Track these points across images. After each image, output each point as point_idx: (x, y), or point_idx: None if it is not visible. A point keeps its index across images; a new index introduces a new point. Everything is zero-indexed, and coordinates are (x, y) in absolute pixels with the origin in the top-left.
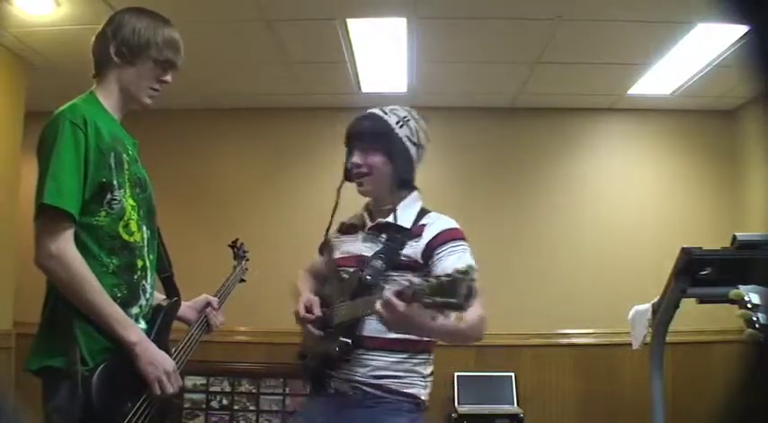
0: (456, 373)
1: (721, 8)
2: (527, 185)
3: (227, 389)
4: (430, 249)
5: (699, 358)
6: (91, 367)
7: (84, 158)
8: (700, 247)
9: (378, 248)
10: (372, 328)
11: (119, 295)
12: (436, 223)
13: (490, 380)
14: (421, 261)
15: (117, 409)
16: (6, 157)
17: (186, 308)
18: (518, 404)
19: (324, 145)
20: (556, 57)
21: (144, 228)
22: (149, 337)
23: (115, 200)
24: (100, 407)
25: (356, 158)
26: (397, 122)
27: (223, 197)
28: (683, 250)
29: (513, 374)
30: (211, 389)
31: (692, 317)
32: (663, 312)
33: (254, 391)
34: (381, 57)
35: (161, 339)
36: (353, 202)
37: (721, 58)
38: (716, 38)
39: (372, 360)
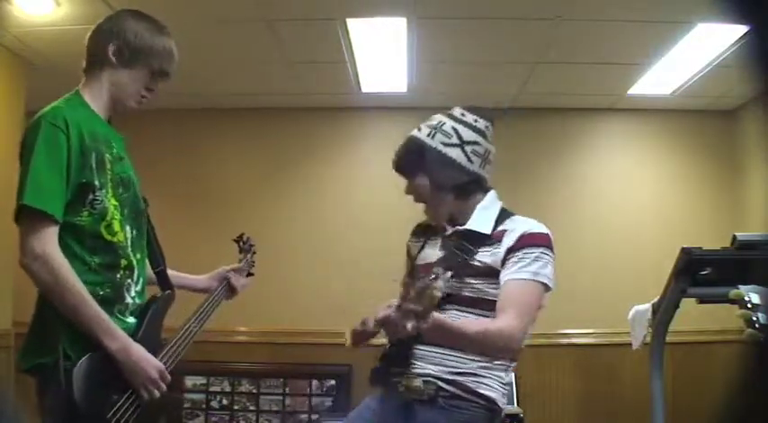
0: None
1: (721, 8)
2: (527, 185)
3: (227, 389)
4: (509, 254)
5: (699, 358)
6: (74, 361)
7: (66, 160)
8: (700, 247)
9: (446, 255)
10: None
11: (101, 293)
12: (519, 228)
13: None
14: (500, 268)
15: (102, 402)
16: (6, 157)
17: (206, 279)
18: (518, 404)
19: (324, 145)
20: (556, 57)
21: (127, 227)
22: (138, 331)
23: (97, 200)
24: (83, 400)
25: (406, 189)
26: (429, 134)
27: (223, 197)
28: (683, 250)
29: (513, 374)
30: (211, 389)
31: (692, 317)
32: (663, 312)
33: (254, 391)
34: (381, 57)
35: (151, 334)
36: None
37: (721, 58)
38: (716, 38)
39: (448, 359)
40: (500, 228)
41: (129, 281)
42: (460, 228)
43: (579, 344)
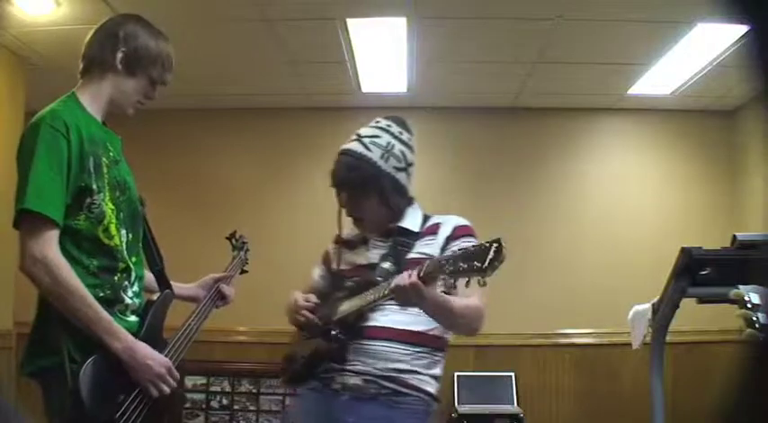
0: (456, 373)
1: (721, 7)
2: (527, 185)
3: (228, 389)
4: (449, 242)
5: (699, 358)
6: (80, 363)
7: (66, 163)
8: (700, 247)
9: (389, 251)
10: (389, 318)
11: (101, 295)
12: (450, 221)
13: (490, 380)
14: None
15: (109, 402)
16: (6, 157)
17: (194, 288)
18: (518, 404)
19: (324, 145)
20: (556, 57)
21: (123, 231)
22: (141, 329)
23: (94, 204)
24: (90, 401)
25: (346, 206)
26: (382, 156)
27: (223, 197)
28: (683, 250)
29: (512, 374)
30: (211, 389)
31: (692, 317)
32: (663, 312)
33: (254, 391)
34: (381, 57)
35: (153, 332)
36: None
37: (721, 58)
38: (716, 38)
39: (389, 352)
40: (429, 223)
41: (127, 282)
42: (392, 225)
43: (579, 344)
